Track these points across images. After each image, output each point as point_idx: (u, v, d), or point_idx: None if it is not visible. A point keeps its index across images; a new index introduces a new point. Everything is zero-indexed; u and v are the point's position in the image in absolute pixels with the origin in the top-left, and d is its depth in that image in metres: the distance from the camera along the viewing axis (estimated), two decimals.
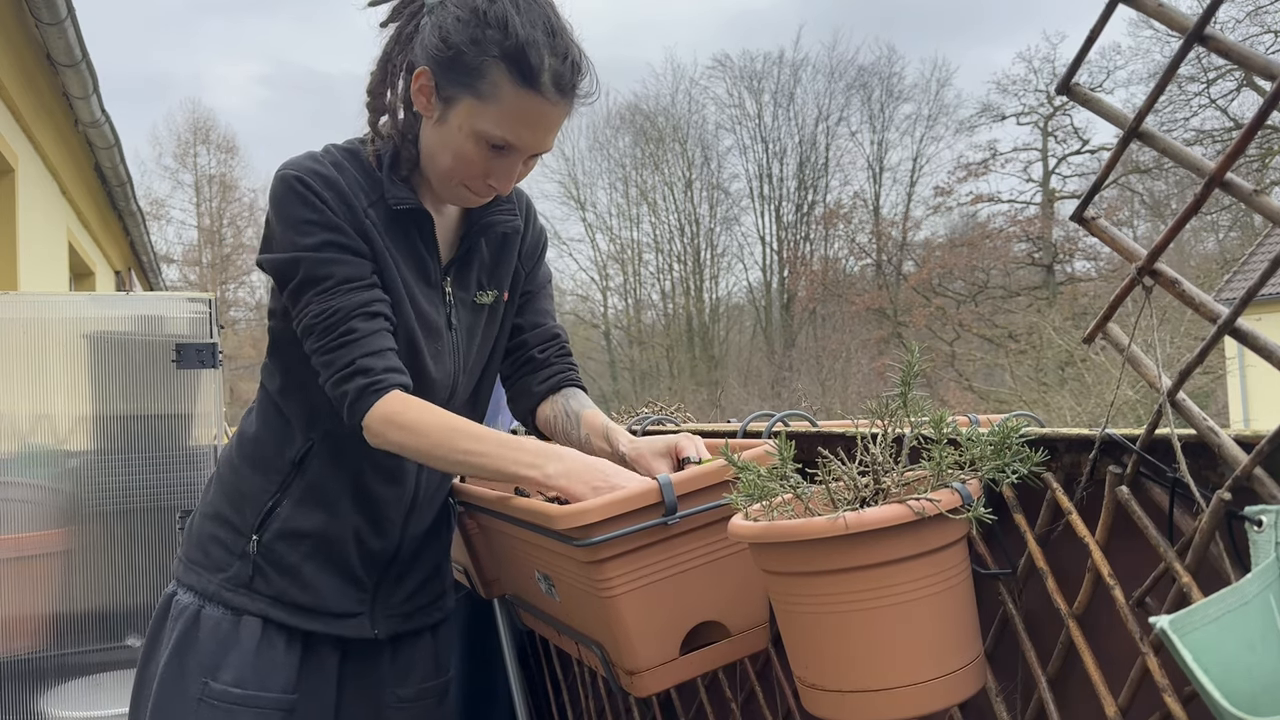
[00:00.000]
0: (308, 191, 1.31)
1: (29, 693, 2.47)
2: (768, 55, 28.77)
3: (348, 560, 1.45)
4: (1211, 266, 19.62)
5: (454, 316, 1.44)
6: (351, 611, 1.47)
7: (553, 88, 1.26)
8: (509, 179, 1.34)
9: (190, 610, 1.43)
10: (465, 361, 1.46)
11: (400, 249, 1.38)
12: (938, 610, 0.90)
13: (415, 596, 1.55)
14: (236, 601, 1.42)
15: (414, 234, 1.40)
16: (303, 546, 1.43)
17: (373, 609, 1.49)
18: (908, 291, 24.43)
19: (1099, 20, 0.85)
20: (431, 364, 1.40)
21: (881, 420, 0.99)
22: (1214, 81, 19.97)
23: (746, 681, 1.50)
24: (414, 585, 1.54)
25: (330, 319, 1.30)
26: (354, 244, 1.33)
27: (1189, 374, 0.84)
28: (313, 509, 1.43)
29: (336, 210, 1.32)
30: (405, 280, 1.38)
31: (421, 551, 1.54)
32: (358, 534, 1.45)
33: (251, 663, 1.40)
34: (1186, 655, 0.65)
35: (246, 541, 1.43)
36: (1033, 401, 16.45)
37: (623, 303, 27.68)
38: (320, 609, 1.45)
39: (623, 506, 1.12)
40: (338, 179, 1.33)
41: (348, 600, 1.47)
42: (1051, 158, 24.17)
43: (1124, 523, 0.90)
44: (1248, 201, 0.77)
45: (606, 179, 27.50)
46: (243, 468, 1.46)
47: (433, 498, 1.53)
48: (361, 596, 1.48)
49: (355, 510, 1.44)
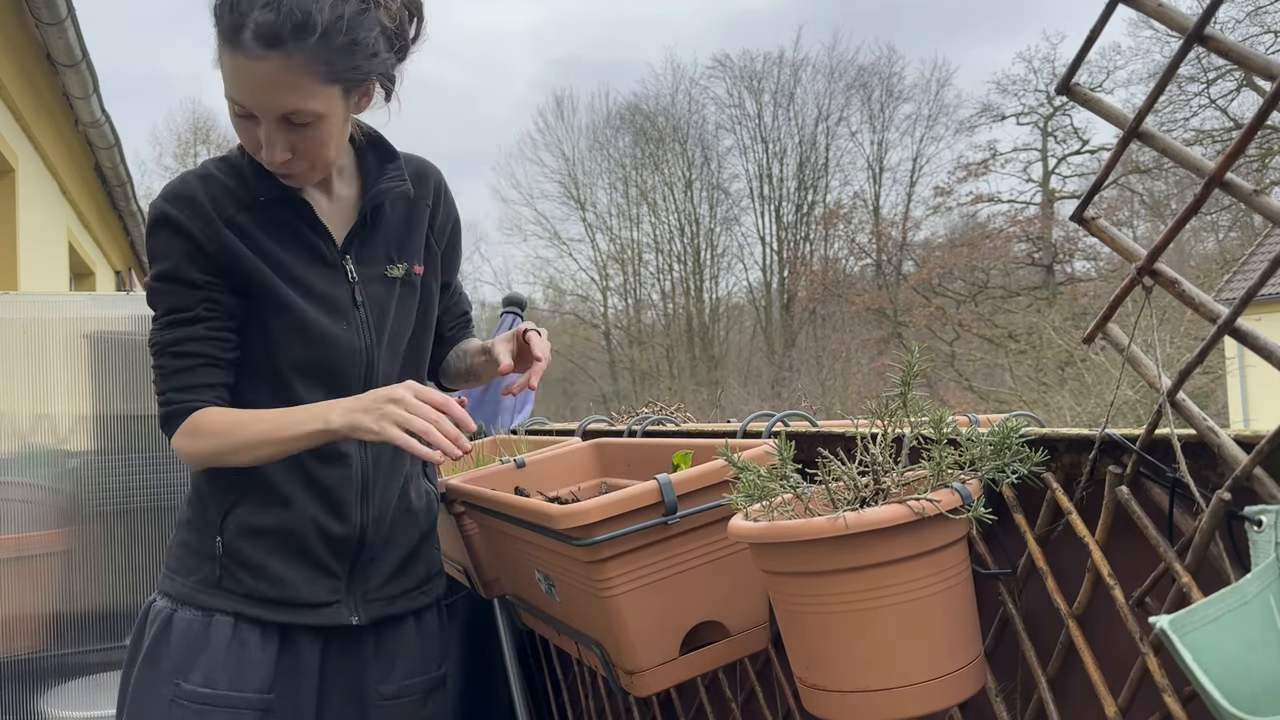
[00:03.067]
0: (157, 222, 1.39)
1: (29, 693, 2.47)
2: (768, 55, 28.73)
3: (313, 550, 1.46)
4: (1211, 266, 19.61)
5: (359, 293, 1.45)
6: (326, 600, 1.47)
7: (255, 42, 1.22)
8: (270, 146, 1.31)
9: (164, 614, 1.45)
10: (379, 335, 1.47)
11: (283, 239, 1.41)
12: (938, 610, 0.90)
13: (396, 579, 1.53)
14: (209, 602, 1.44)
15: (295, 220, 1.42)
16: (264, 542, 1.44)
17: (349, 595, 1.49)
18: (908, 291, 24.43)
19: (1099, 20, 0.85)
20: (334, 343, 1.43)
21: (881, 420, 0.99)
22: (1214, 81, 19.97)
23: (746, 681, 1.50)
24: (391, 567, 1.53)
25: (152, 351, 1.41)
26: (186, 273, 1.38)
27: (1189, 374, 0.84)
28: (269, 505, 1.44)
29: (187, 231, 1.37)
30: (291, 270, 1.41)
31: (392, 534, 1.53)
32: (317, 523, 1.45)
33: (222, 662, 1.41)
34: (1186, 655, 0.65)
35: (212, 543, 1.45)
36: (1033, 401, 16.45)
37: (623, 303, 27.69)
38: (293, 601, 1.45)
39: (623, 506, 1.13)
40: (196, 196, 1.38)
41: (320, 589, 1.47)
42: (1051, 158, 24.17)
43: (1124, 523, 0.90)
44: (1248, 201, 0.77)
45: (606, 179, 27.51)
46: (200, 475, 1.50)
47: (385, 477, 1.51)
48: (335, 584, 1.48)
49: (310, 500, 1.45)
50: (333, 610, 1.47)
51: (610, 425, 1.95)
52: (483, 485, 1.59)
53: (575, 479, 1.69)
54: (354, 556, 1.49)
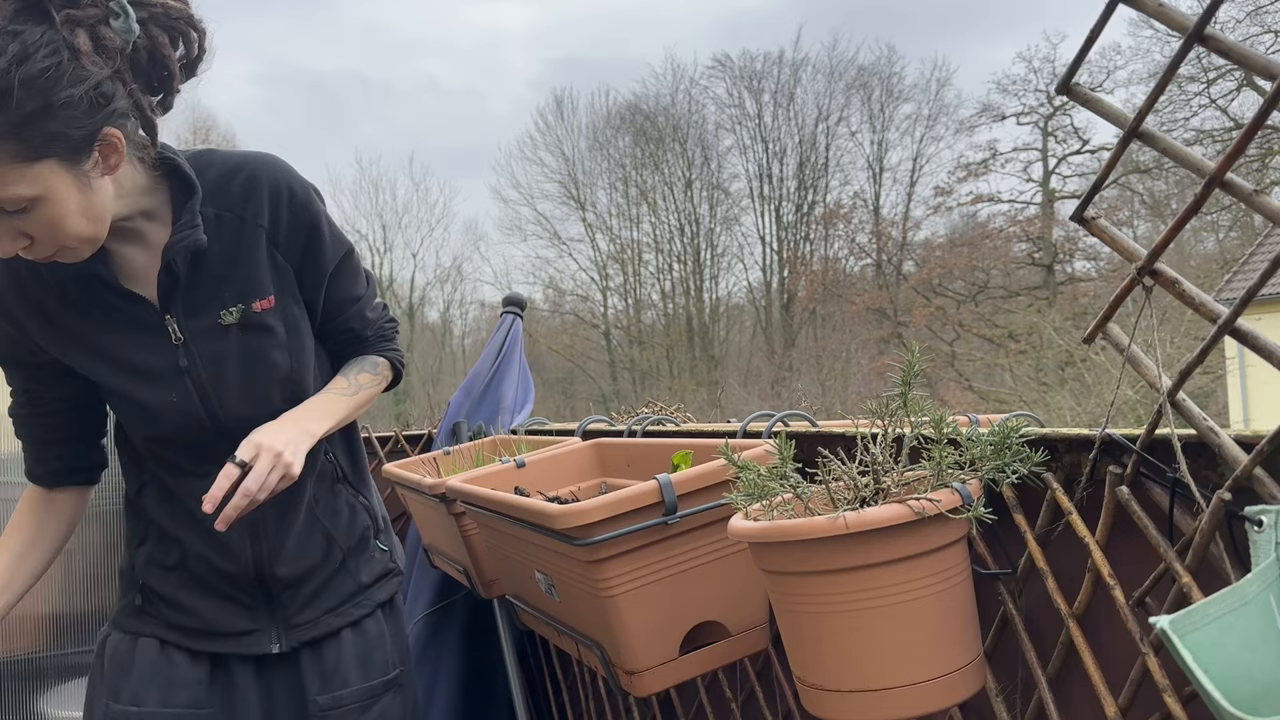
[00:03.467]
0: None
1: (29, 693, 2.47)
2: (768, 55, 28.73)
3: (215, 586, 1.46)
4: (1211, 266, 19.61)
5: (183, 357, 1.36)
6: (244, 630, 1.47)
7: None
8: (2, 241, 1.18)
9: (101, 638, 1.51)
10: (220, 393, 1.38)
11: (94, 315, 1.35)
12: (938, 610, 0.90)
13: (317, 602, 1.50)
14: (135, 626, 1.48)
15: (101, 288, 1.34)
16: (171, 577, 1.47)
17: (270, 623, 1.48)
18: (908, 291, 24.43)
19: (1099, 20, 0.85)
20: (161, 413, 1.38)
21: (881, 420, 0.99)
22: (1214, 81, 19.97)
23: (746, 681, 1.50)
24: (310, 592, 1.49)
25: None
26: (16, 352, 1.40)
27: (1189, 374, 0.84)
28: (169, 544, 1.47)
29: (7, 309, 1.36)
30: (107, 347, 1.36)
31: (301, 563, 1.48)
32: (208, 562, 1.45)
33: (149, 680, 1.43)
34: (1186, 655, 0.65)
35: (133, 573, 1.50)
36: (1033, 401, 16.45)
37: (623, 303, 27.68)
38: (211, 631, 1.46)
39: (623, 506, 1.12)
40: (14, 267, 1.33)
41: (238, 620, 1.47)
42: (1051, 158, 24.16)
43: (1124, 523, 0.90)
44: (1248, 201, 0.77)
45: (606, 179, 27.50)
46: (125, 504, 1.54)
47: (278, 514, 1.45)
48: (252, 614, 1.47)
49: (195, 539, 1.45)
50: (252, 639, 1.47)
51: (610, 425, 1.95)
52: (483, 485, 1.59)
53: (575, 479, 1.69)
54: (263, 589, 1.47)
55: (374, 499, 1.62)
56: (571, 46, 39.55)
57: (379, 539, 1.60)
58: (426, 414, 19.74)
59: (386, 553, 1.60)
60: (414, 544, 2.51)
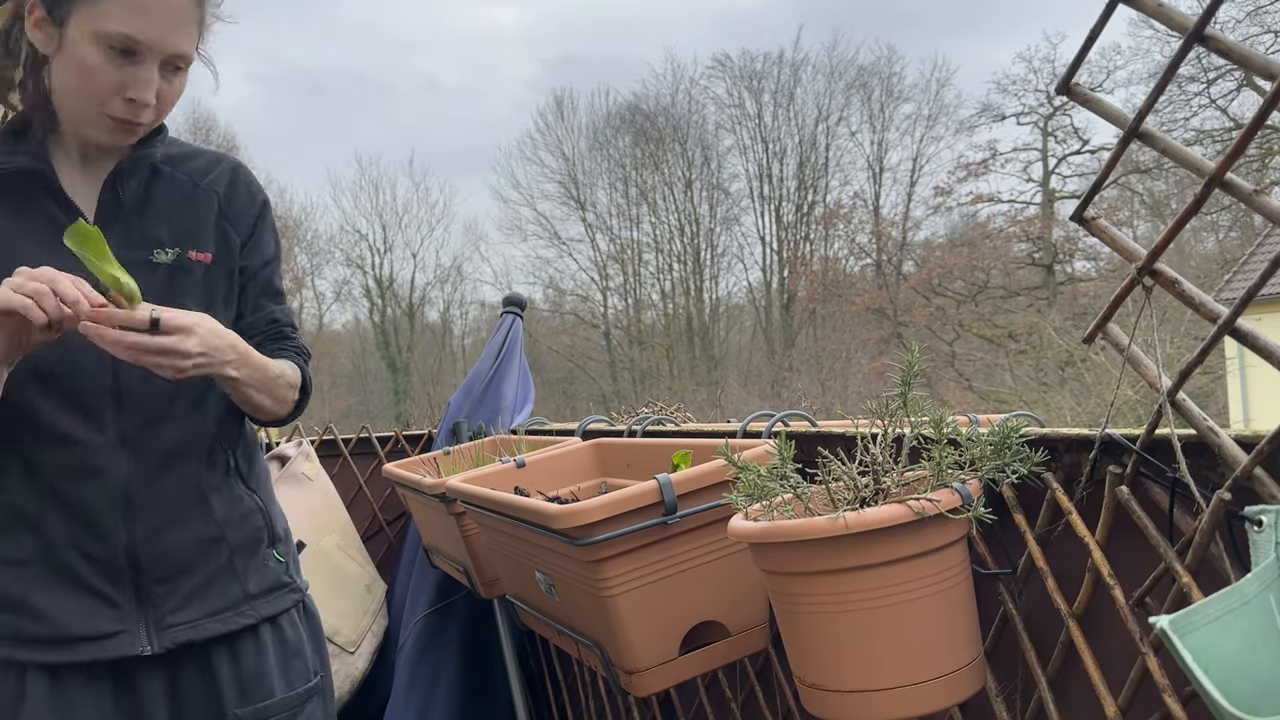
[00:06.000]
0: None
1: None
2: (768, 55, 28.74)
3: (79, 576, 1.32)
4: (1211, 266, 19.61)
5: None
6: (107, 631, 1.32)
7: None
8: (147, 86, 1.25)
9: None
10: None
11: (24, 218, 1.29)
12: (938, 610, 0.90)
13: (196, 603, 1.37)
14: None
15: (40, 197, 1.30)
16: (23, 574, 1.31)
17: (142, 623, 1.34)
18: (908, 291, 24.44)
19: (1099, 20, 0.85)
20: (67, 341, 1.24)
21: (881, 420, 0.99)
22: (1214, 81, 19.97)
23: (746, 681, 1.50)
24: (188, 590, 1.37)
25: None
26: None
27: (1189, 374, 0.84)
28: (20, 534, 1.31)
29: None
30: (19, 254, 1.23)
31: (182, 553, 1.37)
32: (75, 544, 1.31)
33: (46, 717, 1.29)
34: (1186, 655, 0.65)
35: None
36: (1033, 401, 16.45)
37: (623, 303, 27.68)
38: (64, 637, 1.30)
39: (623, 506, 1.13)
40: None
41: (101, 619, 1.32)
42: (1051, 158, 24.16)
43: (1124, 523, 0.90)
44: (1248, 201, 0.77)
45: (606, 179, 27.50)
46: None
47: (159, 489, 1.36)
48: (118, 614, 1.33)
49: (59, 520, 1.31)
50: (119, 641, 1.32)
51: (610, 425, 1.95)
52: (483, 485, 1.59)
53: (575, 479, 1.69)
54: (133, 579, 1.34)
55: (272, 506, 1.51)
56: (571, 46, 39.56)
57: (275, 548, 1.48)
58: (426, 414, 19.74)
59: (283, 564, 1.48)
60: (414, 544, 2.51)
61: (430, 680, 2.30)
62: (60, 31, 1.24)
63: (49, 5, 1.24)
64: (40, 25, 1.25)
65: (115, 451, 1.32)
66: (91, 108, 1.26)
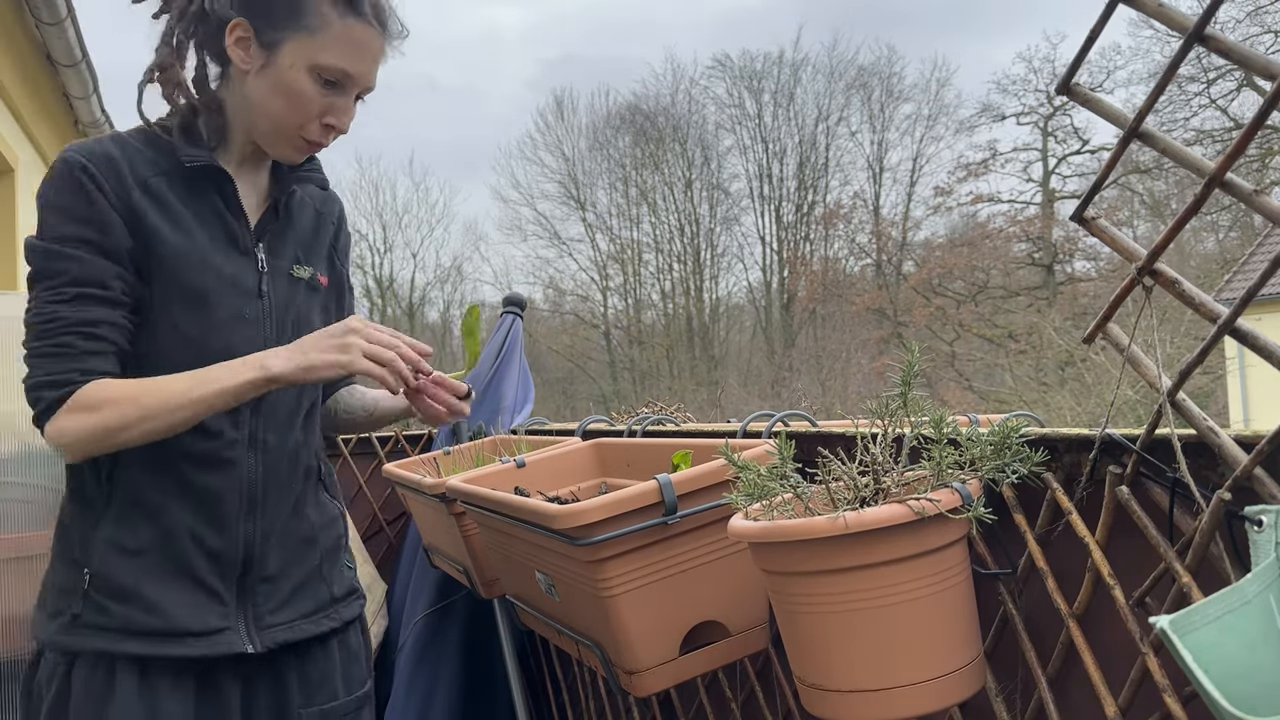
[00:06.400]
0: (77, 175, 1.28)
1: None
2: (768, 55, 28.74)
3: (193, 569, 1.34)
4: (1211, 266, 19.61)
5: (265, 284, 1.39)
6: (214, 627, 1.34)
7: (373, 17, 1.33)
8: (346, 115, 1.36)
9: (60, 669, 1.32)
10: (280, 331, 1.40)
11: (200, 212, 1.35)
12: (938, 610, 0.90)
13: (295, 603, 1.42)
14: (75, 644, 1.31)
15: (215, 197, 1.37)
16: (136, 564, 1.32)
17: (244, 621, 1.37)
18: (908, 291, 24.43)
19: (1099, 20, 0.85)
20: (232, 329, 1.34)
21: (881, 420, 0.99)
22: (1214, 81, 19.97)
23: (746, 681, 1.50)
24: (287, 591, 1.42)
25: (47, 325, 1.25)
26: (101, 239, 1.27)
27: (1189, 374, 0.84)
28: (137, 522, 1.32)
29: (104, 191, 1.27)
30: (199, 244, 1.33)
31: (284, 553, 1.42)
32: (194, 535, 1.34)
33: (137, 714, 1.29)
34: (1186, 655, 0.65)
35: (80, 578, 1.32)
36: (1033, 401, 16.45)
37: (623, 303, 27.68)
38: (173, 630, 1.31)
39: (623, 506, 1.13)
40: (115, 154, 1.31)
41: (208, 615, 1.34)
42: (1051, 158, 24.17)
43: (1124, 523, 0.90)
44: (1248, 201, 0.77)
45: (606, 179, 27.50)
46: (66, 503, 1.38)
47: (279, 486, 1.42)
48: (223, 610, 1.35)
49: (185, 509, 1.33)
50: (224, 638, 1.34)
51: (610, 425, 1.95)
52: (483, 485, 1.59)
53: (575, 479, 1.69)
54: (241, 575, 1.38)
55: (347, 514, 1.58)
56: (571, 46, 39.55)
57: (347, 554, 1.55)
58: None
59: (353, 570, 1.55)
60: (414, 544, 2.51)
61: (430, 680, 2.30)
62: (269, 55, 1.31)
63: (260, 29, 1.31)
64: (243, 45, 1.32)
65: (246, 449, 1.38)
66: (290, 129, 1.35)
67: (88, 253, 1.27)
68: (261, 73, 1.32)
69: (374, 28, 1.33)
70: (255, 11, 1.30)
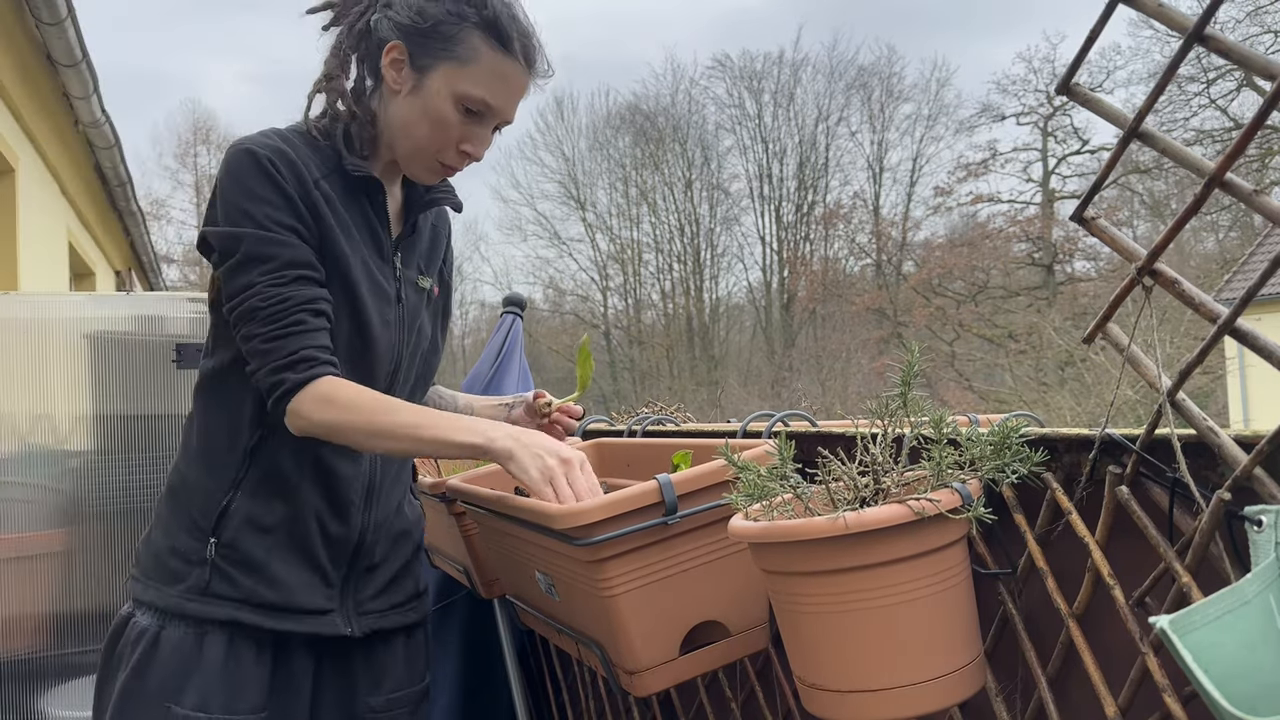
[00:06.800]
0: (268, 166, 1.32)
1: (29, 693, 2.47)
2: (768, 55, 28.78)
3: (312, 550, 1.41)
4: (1211, 266, 19.61)
5: (403, 291, 1.47)
6: (322, 608, 1.43)
7: (522, 56, 1.37)
8: (483, 144, 1.41)
9: (150, 632, 1.37)
10: (410, 337, 1.47)
11: (355, 218, 1.41)
12: (938, 610, 0.90)
13: (387, 593, 1.52)
14: (201, 611, 1.37)
15: (366, 205, 1.43)
16: (267, 539, 1.39)
17: (344, 605, 1.46)
18: (908, 291, 24.43)
19: (1099, 20, 0.85)
20: (379, 330, 1.41)
21: (881, 420, 0.99)
22: (1214, 81, 19.97)
23: (746, 681, 1.50)
24: (384, 580, 1.51)
25: (279, 306, 1.30)
26: (301, 226, 1.33)
27: (1189, 374, 0.84)
28: (270, 498, 1.39)
29: (289, 183, 1.33)
30: (357, 248, 1.40)
31: (387, 544, 1.52)
32: (319, 518, 1.41)
33: (217, 683, 1.35)
34: (1186, 655, 0.65)
35: (204, 546, 1.38)
36: (1033, 401, 16.45)
37: (623, 303, 27.69)
38: (291, 606, 1.39)
39: (623, 506, 1.12)
40: (289, 151, 1.36)
41: (317, 596, 1.42)
42: (1051, 158, 24.17)
43: (1124, 523, 0.90)
44: (1248, 201, 0.77)
45: (606, 179, 27.51)
46: (191, 471, 1.43)
47: (391, 481, 1.51)
48: (330, 592, 1.44)
49: (315, 493, 1.41)
50: (328, 619, 1.43)
51: (610, 425, 1.95)
52: (483, 485, 1.59)
53: None
54: (350, 562, 1.46)
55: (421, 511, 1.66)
56: (571, 46, 39.50)
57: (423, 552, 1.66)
58: None
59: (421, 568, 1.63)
60: None
61: (430, 680, 2.30)
62: (419, 79, 1.37)
63: (413, 52, 1.36)
64: (396, 66, 1.38)
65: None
66: (429, 153, 1.40)
67: (293, 237, 1.33)
68: (410, 95, 1.37)
69: (519, 64, 1.37)
70: (412, 37, 1.35)
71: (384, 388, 1.43)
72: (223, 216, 1.33)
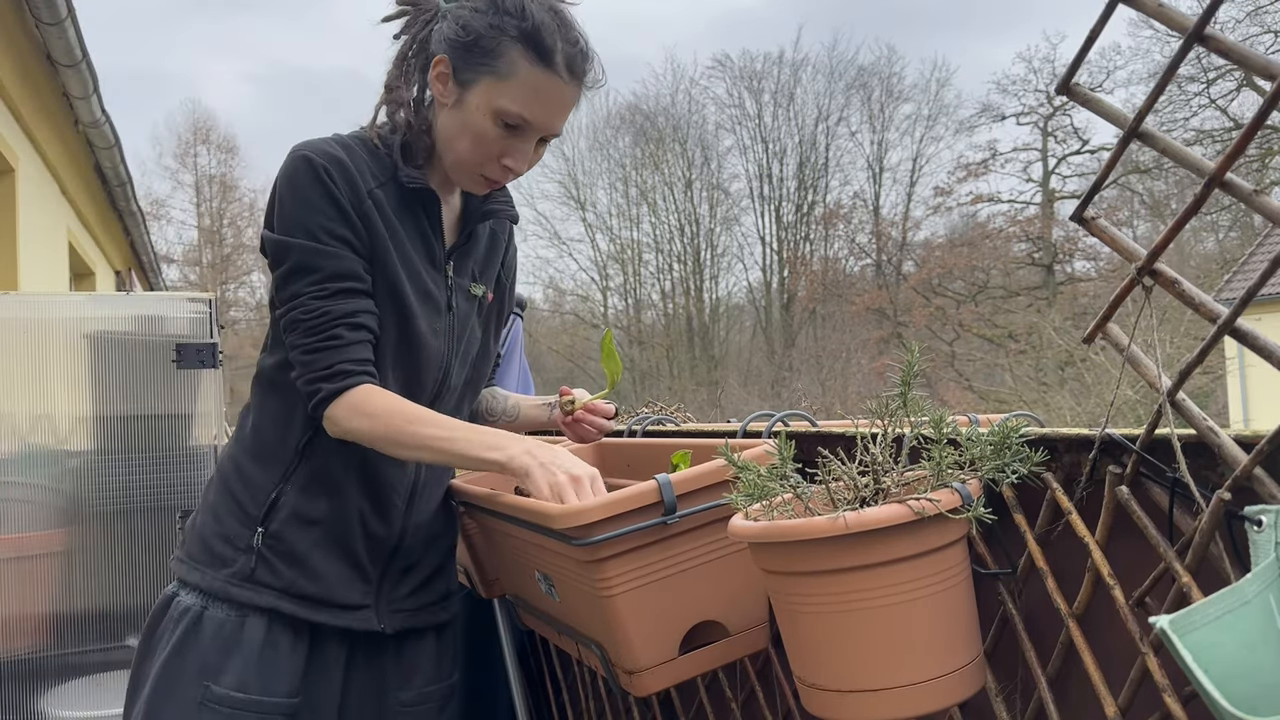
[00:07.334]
0: (323, 174, 1.35)
1: (29, 693, 2.47)
2: (768, 55, 28.79)
3: (353, 547, 1.45)
4: (1211, 266, 19.62)
5: (453, 300, 1.48)
6: (358, 604, 1.47)
7: (565, 68, 1.35)
8: (524, 158, 1.40)
9: (193, 611, 1.41)
10: (459, 345, 1.49)
11: (408, 227, 1.43)
12: (937, 610, 0.90)
13: (420, 593, 1.55)
14: (243, 596, 1.41)
15: (421, 215, 1.45)
16: (312, 533, 1.43)
17: (378, 602, 1.49)
18: (908, 291, 24.43)
19: (1099, 20, 0.85)
20: (427, 338, 1.43)
21: (881, 420, 0.99)
22: (1214, 81, 19.97)
23: (746, 681, 1.50)
24: (418, 580, 1.54)
25: (317, 320, 1.34)
26: (352, 237, 1.36)
27: (1189, 374, 0.84)
28: (318, 494, 1.43)
29: (343, 193, 1.35)
30: (408, 256, 1.42)
31: (424, 545, 1.55)
32: (362, 517, 1.45)
33: (255, 665, 1.39)
34: (1186, 655, 0.65)
35: (251, 534, 1.42)
36: (1033, 401, 16.45)
37: (623, 303, 27.68)
38: (328, 600, 1.44)
39: (622, 506, 1.12)
40: (345, 159, 1.38)
41: (354, 592, 1.46)
42: (1051, 158, 24.17)
43: (1124, 523, 0.90)
44: (1248, 201, 0.77)
45: (606, 179, 27.50)
46: (244, 461, 1.46)
47: (434, 484, 1.54)
48: (367, 589, 1.47)
49: (360, 493, 1.45)
50: (363, 615, 1.47)
51: None
52: (483, 485, 1.59)
53: None
54: (388, 560, 1.50)
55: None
56: None
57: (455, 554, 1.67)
58: None
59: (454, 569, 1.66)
60: None
61: None
62: (461, 93, 1.37)
63: (457, 67, 1.37)
64: (443, 79, 1.38)
65: None
66: (470, 166, 1.40)
67: (342, 248, 1.35)
68: (454, 108, 1.38)
69: (561, 78, 1.35)
70: (457, 50, 1.36)
71: (432, 393, 1.46)
72: (277, 223, 1.37)
